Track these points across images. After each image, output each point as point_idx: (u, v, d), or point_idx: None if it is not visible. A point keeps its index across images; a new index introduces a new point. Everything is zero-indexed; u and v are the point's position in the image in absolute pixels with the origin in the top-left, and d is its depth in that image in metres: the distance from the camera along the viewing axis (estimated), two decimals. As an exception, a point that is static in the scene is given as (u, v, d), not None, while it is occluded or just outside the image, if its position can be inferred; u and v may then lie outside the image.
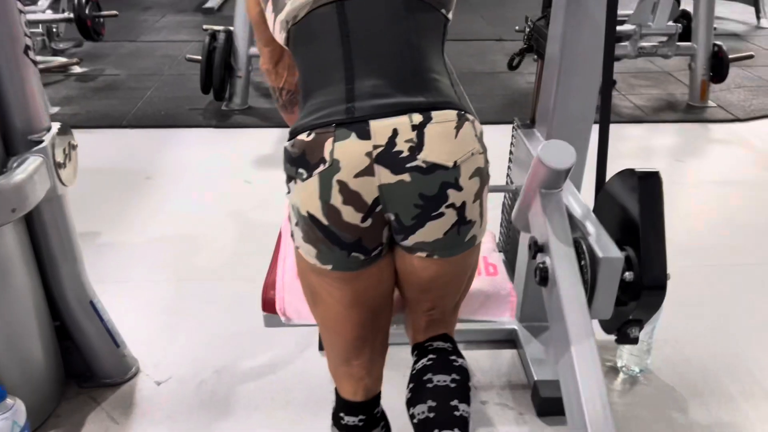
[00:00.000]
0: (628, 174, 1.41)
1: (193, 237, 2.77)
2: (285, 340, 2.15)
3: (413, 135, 1.02)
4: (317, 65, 1.09)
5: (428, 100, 1.05)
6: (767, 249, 2.65)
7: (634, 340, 1.46)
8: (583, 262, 1.36)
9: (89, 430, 1.82)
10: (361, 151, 1.02)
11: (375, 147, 1.02)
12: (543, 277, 1.37)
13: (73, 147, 1.76)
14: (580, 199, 1.55)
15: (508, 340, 2.13)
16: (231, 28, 4.03)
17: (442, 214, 1.06)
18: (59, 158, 1.66)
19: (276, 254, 1.58)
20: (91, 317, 1.89)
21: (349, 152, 1.02)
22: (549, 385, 1.88)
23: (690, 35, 4.10)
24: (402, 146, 1.02)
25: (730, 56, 4.09)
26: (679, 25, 3.91)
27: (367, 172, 1.02)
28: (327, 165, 1.02)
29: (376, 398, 1.31)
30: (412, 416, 1.24)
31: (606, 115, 1.52)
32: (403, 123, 1.02)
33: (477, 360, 2.05)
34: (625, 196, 1.41)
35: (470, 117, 1.08)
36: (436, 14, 1.12)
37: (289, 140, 1.09)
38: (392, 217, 1.06)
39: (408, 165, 1.02)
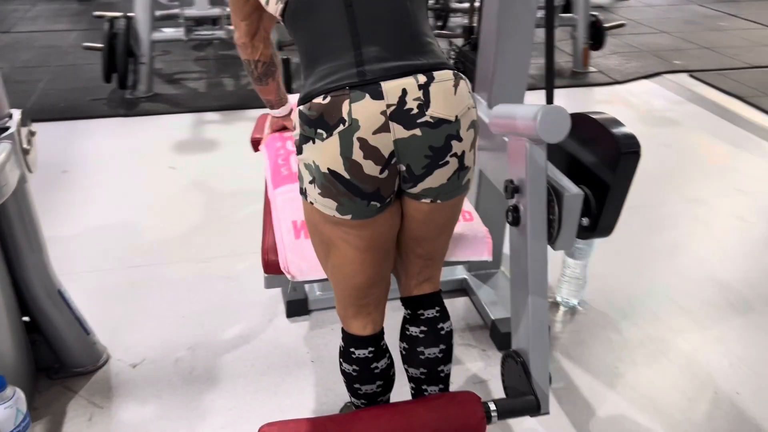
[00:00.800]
0: (590, 122, 1.60)
1: (128, 224, 2.73)
2: (251, 312, 2.22)
3: (420, 94, 1.14)
4: (322, 34, 1.18)
5: (428, 62, 1.18)
6: (661, 191, 3.03)
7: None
8: (549, 197, 1.55)
9: (73, 417, 1.80)
10: (377, 110, 1.13)
11: (388, 106, 1.13)
12: (516, 218, 1.55)
13: (32, 134, 1.72)
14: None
15: (460, 289, 2.33)
16: (130, 14, 3.92)
17: (447, 163, 1.19)
18: (25, 144, 1.63)
19: (268, 220, 1.65)
20: (59, 306, 1.87)
21: (366, 112, 1.12)
22: (505, 322, 2.09)
23: (570, 7, 4.48)
24: (411, 104, 1.14)
25: (605, 25, 4.51)
26: (562, -2, 4.28)
27: (384, 128, 1.13)
28: (347, 124, 1.13)
29: (382, 332, 1.44)
30: (406, 369, 1.51)
31: (550, 78, 1.73)
32: (410, 83, 1.14)
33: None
34: (581, 145, 1.62)
35: (462, 76, 1.22)
36: None
37: (302, 104, 1.17)
38: (403, 168, 1.18)
39: (418, 121, 1.14)
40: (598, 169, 1.58)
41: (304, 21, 1.19)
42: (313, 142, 1.15)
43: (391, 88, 1.12)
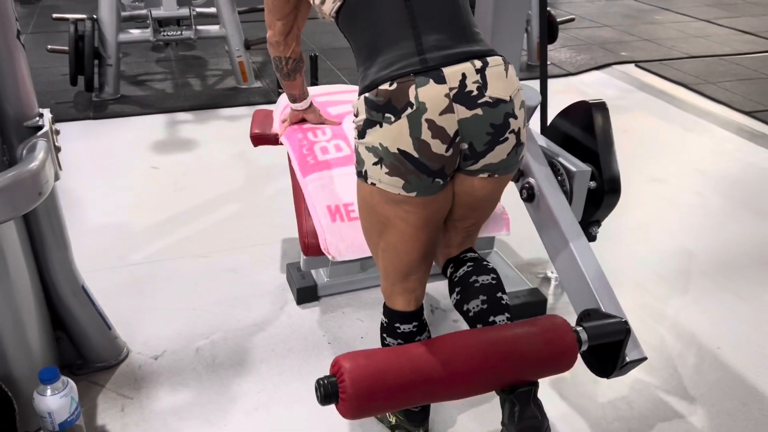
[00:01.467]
0: (579, 106, 1.78)
1: (121, 224, 2.75)
2: (262, 302, 2.29)
3: (478, 77, 1.26)
4: (383, 27, 1.29)
5: (481, 49, 1.30)
6: (625, 174, 3.24)
7: (594, 238, 1.84)
8: (560, 178, 1.71)
9: (105, 409, 1.84)
10: (441, 93, 1.24)
11: (451, 89, 1.25)
12: (530, 194, 1.70)
13: (57, 132, 1.75)
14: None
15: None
16: (94, 15, 3.88)
17: (506, 139, 1.31)
18: (57, 143, 1.66)
19: (301, 208, 1.73)
20: (83, 302, 1.90)
21: (431, 95, 1.24)
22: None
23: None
24: (471, 87, 1.26)
25: (558, 20, 4.75)
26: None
27: (449, 110, 1.25)
28: (414, 107, 1.23)
29: (422, 307, 1.55)
30: (467, 311, 1.49)
31: (544, 59, 1.88)
32: (469, 68, 1.26)
33: (438, 289, 2.34)
34: (579, 124, 1.78)
35: (509, 61, 1.35)
36: None
37: (368, 91, 1.27)
38: (465, 146, 1.30)
39: (479, 101, 1.26)
40: (588, 141, 1.75)
41: (365, 16, 1.30)
42: (380, 126, 1.25)
43: (452, 72, 1.24)
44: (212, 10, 4.18)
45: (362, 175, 1.35)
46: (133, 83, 4.32)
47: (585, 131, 1.75)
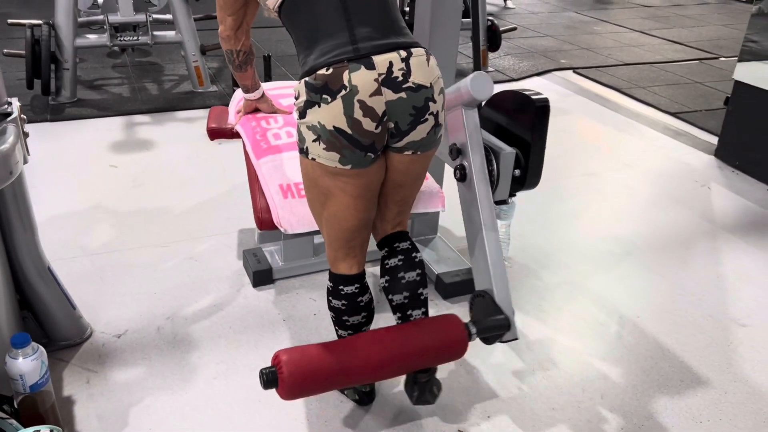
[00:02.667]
0: (515, 95, 1.96)
1: (81, 218, 2.84)
2: (220, 286, 2.43)
3: (403, 65, 1.44)
4: (321, 20, 1.46)
5: (406, 41, 1.49)
6: (562, 169, 3.50)
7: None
8: (488, 157, 1.91)
9: (71, 381, 1.95)
10: (371, 78, 1.42)
11: (380, 75, 1.42)
12: (462, 174, 1.89)
13: (24, 120, 1.87)
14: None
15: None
16: (50, 21, 3.96)
17: (426, 120, 1.50)
18: (24, 129, 1.79)
19: (256, 186, 1.89)
20: (48, 282, 2.01)
21: (362, 79, 1.41)
22: (447, 275, 2.43)
23: (469, 12, 4.94)
24: (397, 73, 1.44)
25: (501, 29, 5.02)
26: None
27: (377, 92, 1.43)
28: (348, 90, 1.41)
29: (364, 272, 1.73)
30: (391, 300, 1.75)
31: (477, 54, 2.08)
32: (395, 57, 1.44)
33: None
34: (514, 114, 1.97)
35: (431, 52, 1.54)
36: None
37: (308, 76, 1.44)
38: (392, 125, 1.48)
39: (404, 86, 1.44)
40: (520, 130, 1.95)
41: (304, 9, 1.47)
42: (319, 106, 1.43)
43: (381, 60, 1.43)
44: (168, 16, 4.30)
45: (304, 152, 1.52)
46: (90, 88, 4.40)
47: (519, 121, 1.93)
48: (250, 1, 1.74)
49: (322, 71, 1.42)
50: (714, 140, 3.78)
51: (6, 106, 1.75)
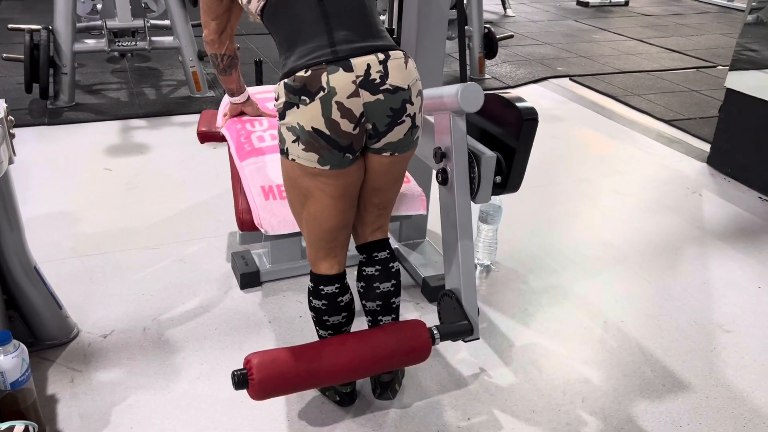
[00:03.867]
0: (497, 101, 1.98)
1: (74, 220, 2.87)
2: (207, 287, 2.45)
3: (380, 68, 1.47)
4: (300, 23, 1.48)
5: (384, 44, 1.51)
6: (554, 174, 3.51)
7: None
8: (469, 161, 1.92)
9: (55, 380, 1.97)
10: (349, 80, 1.44)
11: (357, 77, 1.45)
12: (444, 178, 1.91)
13: (11, 122, 1.90)
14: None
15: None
16: (50, 26, 4.00)
17: (403, 121, 1.52)
18: (11, 130, 1.81)
19: (238, 188, 1.91)
20: (35, 282, 2.03)
21: (341, 81, 1.43)
22: (434, 278, 2.45)
23: (466, 21, 4.98)
24: (375, 75, 1.46)
25: (498, 37, 5.05)
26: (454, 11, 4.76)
27: (355, 94, 1.45)
28: (326, 91, 1.43)
29: (345, 272, 1.75)
30: (364, 305, 1.82)
31: (463, 63, 2.11)
32: (373, 59, 1.47)
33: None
34: (502, 124, 1.99)
35: (409, 55, 1.56)
36: None
37: (286, 78, 1.46)
38: (370, 126, 1.50)
39: (381, 88, 1.47)
40: (506, 137, 1.97)
41: (285, 13, 1.50)
42: (297, 107, 1.45)
43: (359, 63, 1.45)
44: (166, 22, 4.34)
45: (284, 152, 1.54)
46: (89, 92, 4.44)
47: (506, 131, 1.95)
48: (233, 6, 1.76)
49: (301, 73, 1.45)
50: (707, 148, 3.79)
51: (-7, 107, 1.78)
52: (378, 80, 1.46)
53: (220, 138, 2.37)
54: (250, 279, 2.44)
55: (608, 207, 3.22)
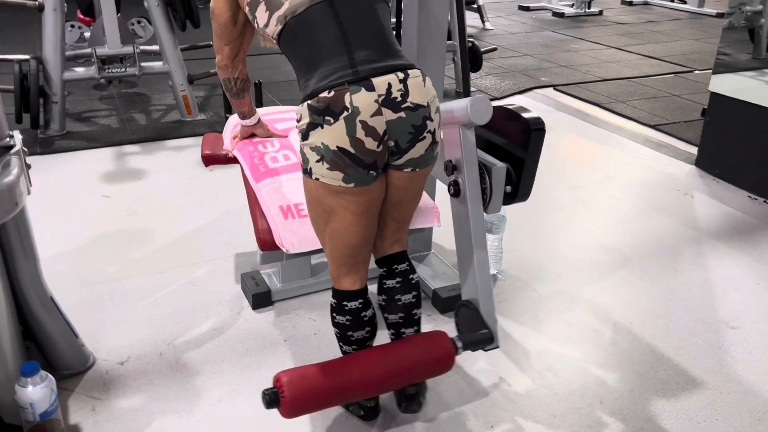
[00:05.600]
0: (504, 113, 2.03)
1: (76, 249, 2.86)
2: (219, 309, 2.45)
3: (401, 86, 1.50)
4: (320, 44, 1.52)
5: (403, 63, 1.55)
6: (547, 182, 3.57)
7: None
8: (480, 173, 1.97)
9: (76, 410, 1.96)
10: (371, 99, 1.47)
11: (379, 96, 1.48)
12: (456, 190, 1.95)
13: (26, 152, 1.91)
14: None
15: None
16: (38, 55, 4.00)
17: (424, 138, 1.56)
18: (26, 161, 1.82)
19: (256, 209, 1.93)
20: (51, 312, 2.03)
21: (363, 101, 1.47)
22: (444, 290, 2.48)
23: (450, 35, 5.05)
24: (396, 94, 1.50)
25: (482, 50, 5.13)
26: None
27: (378, 113, 1.48)
28: (350, 111, 1.46)
29: (366, 287, 1.77)
30: (386, 318, 1.85)
31: (466, 77, 2.16)
32: (393, 79, 1.50)
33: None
34: (509, 134, 2.04)
35: (425, 74, 1.60)
36: (386, 5, 1.64)
37: (310, 99, 1.49)
38: (392, 143, 1.53)
39: (402, 106, 1.50)
40: (514, 148, 2.02)
41: (303, 35, 1.53)
42: (321, 127, 1.48)
43: (380, 82, 1.49)
44: (155, 47, 4.36)
45: (307, 172, 1.57)
46: (78, 120, 4.43)
47: (514, 141, 2.00)
48: (245, 30, 1.80)
49: (324, 94, 1.48)
50: (694, 150, 3.88)
51: (8, 139, 1.78)
52: (399, 98, 1.50)
53: (225, 161, 2.39)
54: (261, 299, 2.45)
55: (604, 212, 3.29)
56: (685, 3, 9.01)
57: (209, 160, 2.41)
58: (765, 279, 2.69)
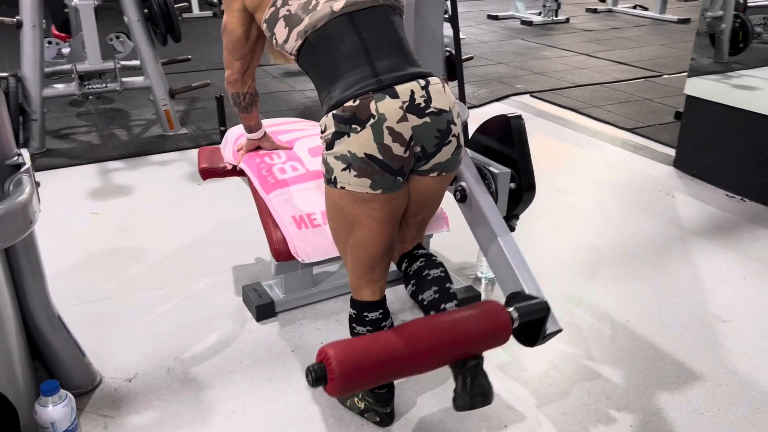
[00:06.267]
0: (496, 119, 2.11)
1: (71, 267, 2.82)
2: (223, 322, 2.45)
3: (423, 92, 1.54)
4: (342, 56, 1.55)
5: (422, 71, 1.59)
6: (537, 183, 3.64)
7: (513, 229, 2.16)
8: (486, 181, 2.02)
9: (88, 429, 1.93)
10: (396, 105, 1.51)
11: (404, 102, 1.52)
12: (463, 195, 2.00)
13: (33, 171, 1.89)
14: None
15: (397, 278, 2.72)
16: (17, 72, 3.94)
17: (450, 141, 1.59)
18: (35, 179, 1.81)
19: (268, 221, 1.94)
20: (58, 330, 2.00)
21: (389, 108, 1.50)
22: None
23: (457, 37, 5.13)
24: (419, 100, 1.53)
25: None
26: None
27: (404, 119, 1.52)
28: (376, 118, 1.49)
29: (385, 297, 1.79)
30: (422, 300, 1.76)
31: (460, 70, 2.21)
32: (415, 86, 1.54)
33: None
34: (497, 134, 2.11)
35: (444, 80, 1.65)
36: (401, 17, 1.68)
37: (335, 109, 1.52)
38: (418, 149, 1.57)
39: (427, 111, 1.54)
40: (505, 144, 2.09)
41: (324, 49, 1.56)
42: (348, 136, 1.51)
43: (403, 89, 1.52)
44: (136, 62, 4.33)
45: (332, 182, 1.59)
46: (58, 137, 4.37)
47: (502, 140, 2.08)
48: (256, 45, 1.82)
49: (350, 103, 1.51)
50: (671, 152, 4.01)
51: (17, 157, 1.77)
52: (423, 104, 1.54)
53: (223, 173, 2.40)
54: (265, 310, 2.45)
55: (591, 214, 3.37)
56: (646, 10, 9.28)
57: (207, 173, 2.42)
58: (750, 273, 2.80)
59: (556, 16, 8.61)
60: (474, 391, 1.61)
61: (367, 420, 1.96)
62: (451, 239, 2.31)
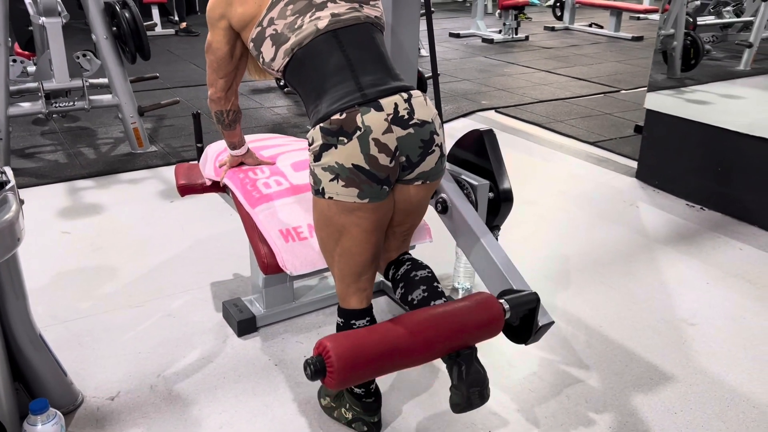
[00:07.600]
0: (470, 134, 2.18)
1: (45, 287, 2.78)
2: (204, 339, 2.45)
3: (406, 105, 1.61)
4: (328, 72, 1.60)
5: (404, 85, 1.65)
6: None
7: (496, 238, 2.22)
8: (465, 192, 2.09)
9: (73, 449, 1.92)
10: (381, 118, 1.56)
11: (388, 115, 1.57)
12: (444, 207, 2.06)
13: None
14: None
15: (378, 290, 2.77)
16: (-20, 90, 3.88)
17: (433, 151, 1.66)
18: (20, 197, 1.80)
19: (254, 234, 1.96)
20: (40, 350, 1.98)
21: (374, 120, 1.56)
22: (425, 306, 2.56)
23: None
24: (403, 112, 1.59)
25: (426, 76, 5.31)
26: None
27: (389, 130, 1.57)
28: (362, 130, 1.55)
29: (372, 306, 1.83)
30: (411, 301, 1.78)
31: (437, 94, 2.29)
32: (399, 99, 1.60)
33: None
34: (472, 148, 2.19)
35: (425, 94, 1.71)
36: (381, 34, 1.75)
37: (322, 122, 1.57)
38: (403, 159, 1.62)
39: (410, 123, 1.60)
40: (480, 156, 2.17)
41: (310, 65, 1.61)
42: (335, 147, 1.55)
43: (387, 102, 1.58)
44: (104, 80, 4.30)
45: (320, 192, 1.63)
46: (22, 156, 4.29)
47: (479, 154, 2.15)
48: (240, 63, 1.85)
49: (336, 116, 1.56)
50: (632, 164, 4.16)
51: (1, 175, 1.76)
52: (406, 116, 1.60)
53: (202, 190, 2.41)
54: (246, 325, 2.46)
55: (560, 224, 3.47)
56: (602, 28, 9.59)
57: (185, 190, 2.43)
58: (713, 279, 2.92)
59: (516, 34, 8.84)
60: (470, 379, 1.63)
61: (354, 430, 1.99)
62: (428, 251, 2.36)
